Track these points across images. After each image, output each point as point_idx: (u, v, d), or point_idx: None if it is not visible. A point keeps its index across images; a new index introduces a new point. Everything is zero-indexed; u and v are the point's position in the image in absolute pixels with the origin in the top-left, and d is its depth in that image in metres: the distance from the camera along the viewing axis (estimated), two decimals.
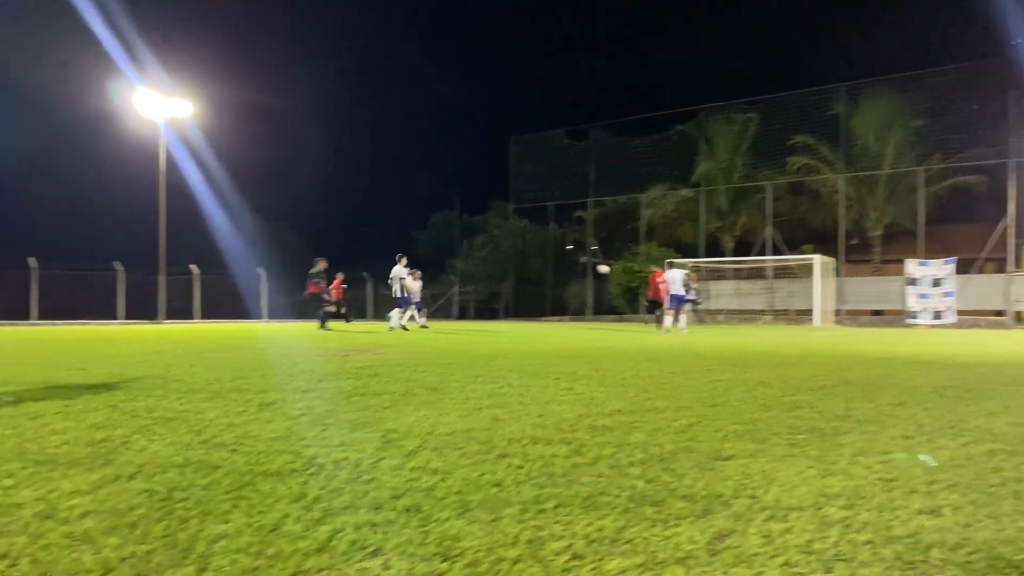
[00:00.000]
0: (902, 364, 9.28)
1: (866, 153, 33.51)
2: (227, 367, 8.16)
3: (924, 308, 28.59)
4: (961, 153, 30.42)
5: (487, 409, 5.05)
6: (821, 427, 4.46)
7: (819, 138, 33.85)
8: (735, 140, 37.00)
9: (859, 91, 33.04)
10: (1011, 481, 3.15)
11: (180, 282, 32.99)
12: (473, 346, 12.52)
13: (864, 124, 33.14)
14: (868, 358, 10.26)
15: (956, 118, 30.18)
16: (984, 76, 29.03)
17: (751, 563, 2.18)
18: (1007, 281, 28.04)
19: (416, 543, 2.31)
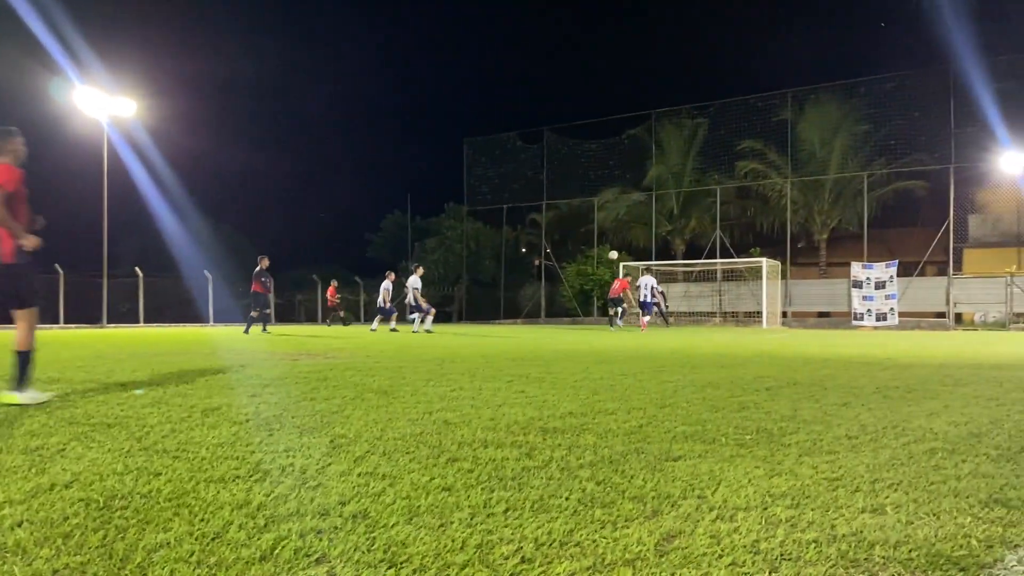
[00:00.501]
0: (847, 365, 9.47)
1: (812, 158, 34.19)
2: (171, 372, 7.98)
3: (868, 310, 29.26)
4: (904, 159, 31.22)
5: (438, 413, 5.01)
6: (768, 428, 4.52)
7: (767, 143, 34.45)
8: (685, 144, 37.46)
9: (806, 97, 33.70)
10: (951, 479, 3.22)
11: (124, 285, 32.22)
12: (425, 349, 12.44)
13: (810, 129, 33.82)
14: (814, 359, 10.45)
15: (899, 125, 30.97)
16: (926, 84, 29.82)
17: (699, 563, 2.19)
18: (948, 284, 28.85)
19: (362, 550, 2.28)
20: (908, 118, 30.51)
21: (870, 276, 29.29)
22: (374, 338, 17.21)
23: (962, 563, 2.21)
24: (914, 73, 30.20)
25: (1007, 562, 2.23)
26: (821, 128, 33.53)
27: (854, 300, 29.62)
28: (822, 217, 35.22)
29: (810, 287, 33.52)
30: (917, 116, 30.18)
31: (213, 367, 8.67)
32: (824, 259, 35.75)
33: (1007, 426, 4.63)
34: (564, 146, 39.57)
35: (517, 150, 41.16)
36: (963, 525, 2.57)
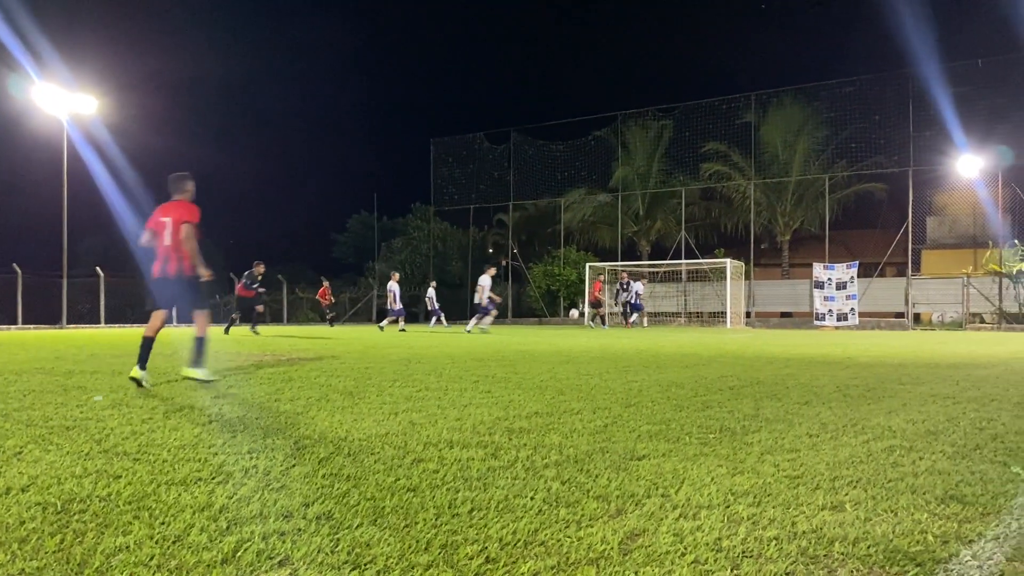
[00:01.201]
0: (808, 365, 9.61)
1: (775, 160, 34.63)
2: None
3: (830, 310, 29.70)
4: (864, 162, 31.75)
5: (404, 413, 4.99)
6: (731, 426, 4.57)
7: (731, 145, 34.81)
8: (651, 146, 37.69)
9: (769, 100, 34.11)
10: (908, 476, 3.29)
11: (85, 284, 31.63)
12: (392, 350, 12.39)
13: (773, 132, 34.24)
14: (776, 359, 10.59)
15: (859, 128, 31.47)
16: (886, 88, 30.33)
17: (662, 562, 2.21)
18: (907, 285, 29.39)
19: (326, 551, 2.26)
20: (868, 122, 31.02)
21: (831, 277, 29.74)
22: (342, 339, 17.07)
23: (919, 559, 2.26)
24: (874, 78, 30.71)
25: (962, 557, 2.28)
26: (783, 131, 33.98)
27: (816, 300, 30.05)
28: (785, 219, 35.69)
29: (773, 288, 33.95)
30: (877, 120, 30.70)
31: (176, 368, 8.54)
32: (787, 260, 36.25)
33: (963, 424, 4.74)
34: (531, 147, 39.61)
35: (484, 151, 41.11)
36: (920, 521, 2.62)
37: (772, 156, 34.68)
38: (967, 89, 28.21)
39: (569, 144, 38.90)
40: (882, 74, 30.55)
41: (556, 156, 39.11)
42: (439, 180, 42.15)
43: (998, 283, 27.54)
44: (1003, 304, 27.53)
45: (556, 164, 39.19)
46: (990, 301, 27.80)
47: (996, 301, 27.63)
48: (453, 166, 41.88)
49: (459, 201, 41.70)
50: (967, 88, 28.24)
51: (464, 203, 41.55)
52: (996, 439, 4.20)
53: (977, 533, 2.50)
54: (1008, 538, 2.45)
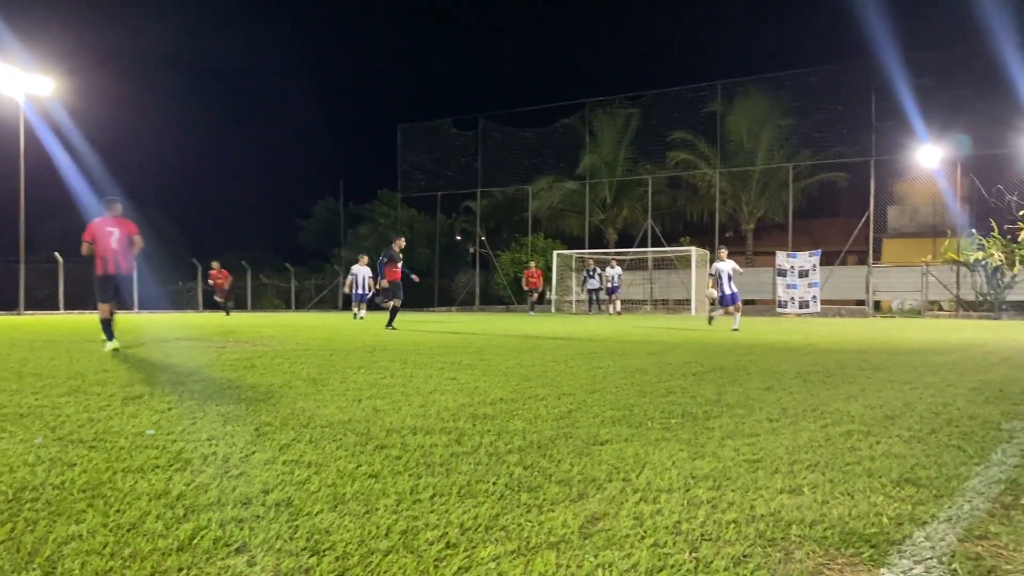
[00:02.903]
0: (770, 351, 9.73)
1: (740, 149, 34.91)
2: (90, 360, 7.72)
3: (792, 298, 30.08)
4: (827, 151, 32.14)
5: (367, 400, 4.97)
6: (693, 411, 4.61)
7: (696, 134, 35.00)
8: (618, 134, 37.77)
9: (734, 90, 34.33)
10: (865, 460, 3.34)
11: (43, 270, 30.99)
12: (357, 337, 12.32)
13: (738, 122, 34.49)
14: (739, 345, 10.70)
15: (823, 118, 31.81)
16: (849, 79, 30.65)
17: (621, 545, 2.22)
18: (867, 273, 29.85)
19: (284, 538, 2.24)
20: (831, 112, 31.36)
21: (794, 265, 30.09)
22: (305, 325, 16.92)
23: (873, 540, 2.29)
24: (837, 68, 31.02)
25: (915, 538, 2.32)
26: (749, 120, 34.24)
27: (779, 288, 30.40)
28: (749, 207, 36.04)
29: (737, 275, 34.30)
30: (840, 110, 31.05)
31: (136, 355, 8.42)
32: (751, 248, 36.62)
33: (919, 408, 4.82)
34: (499, 134, 39.48)
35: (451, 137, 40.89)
36: (875, 504, 2.66)
37: (737, 145, 34.96)
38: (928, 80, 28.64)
39: (537, 131, 38.86)
40: (846, 64, 30.88)
41: (524, 143, 39.05)
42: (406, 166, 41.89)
43: (956, 271, 28.08)
44: (961, 292, 28.08)
45: (524, 151, 39.13)
46: (948, 289, 28.34)
47: (954, 289, 28.18)
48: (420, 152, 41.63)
49: (426, 188, 41.49)
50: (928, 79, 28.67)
51: (431, 190, 41.34)
52: (951, 424, 4.29)
53: (931, 515, 2.55)
54: (960, 519, 2.50)
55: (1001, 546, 2.27)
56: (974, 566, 2.10)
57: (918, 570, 2.08)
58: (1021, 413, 4.70)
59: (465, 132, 40.45)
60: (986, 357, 9.03)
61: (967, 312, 27.54)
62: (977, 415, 4.59)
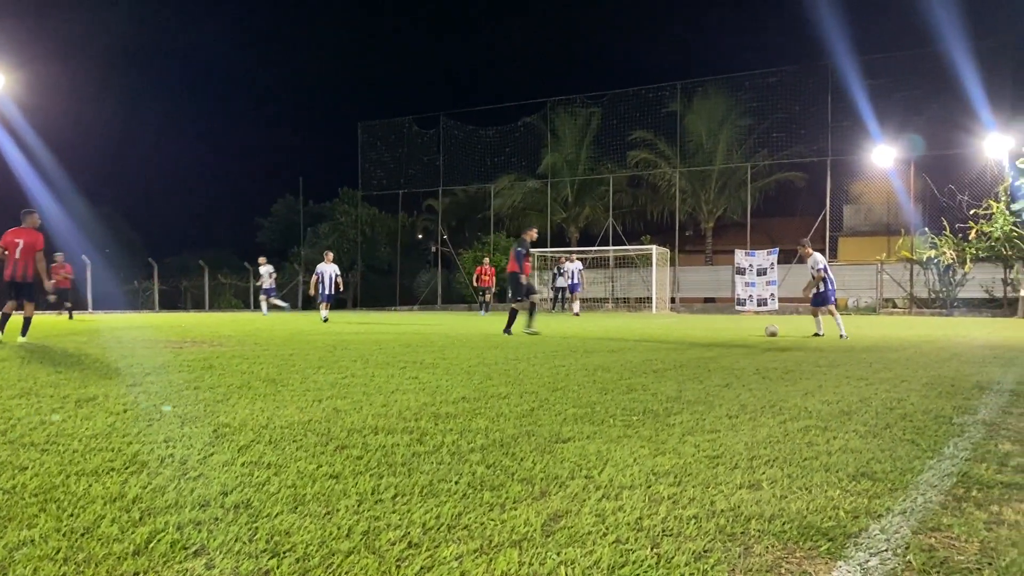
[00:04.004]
0: (729, 348, 9.85)
1: (700, 149, 35.28)
2: (43, 362, 7.54)
3: (751, 296, 30.48)
4: (785, 151, 32.65)
5: (328, 400, 4.92)
6: (654, 408, 4.64)
7: (657, 134, 35.32)
8: (580, 133, 37.94)
9: (694, 90, 34.69)
10: (822, 455, 3.40)
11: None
12: (317, 336, 12.20)
13: (698, 121, 34.86)
14: (699, 343, 10.81)
15: (781, 118, 32.33)
16: (806, 80, 31.17)
17: (584, 542, 2.23)
18: None
19: (243, 540, 2.21)
20: (789, 112, 31.88)
21: (752, 263, 30.49)
22: (264, 325, 16.71)
23: (831, 534, 2.33)
24: (795, 69, 31.52)
25: (871, 531, 2.36)
26: (708, 120, 34.63)
27: (737, 286, 30.78)
28: (708, 206, 36.44)
29: (697, 274, 34.65)
30: (797, 110, 31.57)
31: (90, 355, 8.25)
32: (710, 247, 37.04)
33: (875, 404, 4.92)
34: (460, 132, 39.42)
35: (413, 135, 40.73)
36: (833, 498, 2.71)
37: (697, 145, 35.33)
38: (882, 82, 29.25)
39: (499, 130, 38.89)
40: (803, 65, 31.40)
41: (486, 142, 39.05)
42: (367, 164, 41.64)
43: (909, 269, 28.69)
44: (914, 290, 28.69)
45: (486, 150, 39.13)
46: (902, 287, 28.94)
47: (908, 287, 28.78)
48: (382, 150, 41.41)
49: (388, 186, 41.27)
50: (882, 81, 29.27)
51: (393, 188, 41.14)
52: (905, 418, 4.38)
53: (886, 508, 2.60)
54: (914, 512, 2.55)
55: (953, 537, 2.32)
56: (928, 557, 2.15)
57: (874, 562, 2.12)
58: (972, 408, 4.82)
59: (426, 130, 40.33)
60: (938, 353, 9.24)
61: (920, 309, 28.14)
62: (930, 410, 4.69)
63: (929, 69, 28.06)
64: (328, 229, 45.75)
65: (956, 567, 2.08)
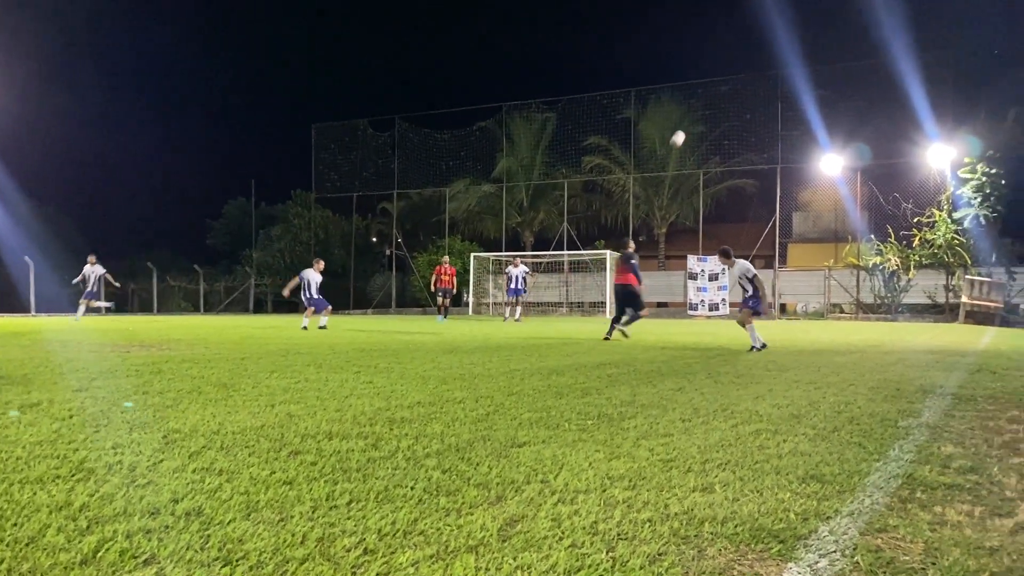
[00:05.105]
0: (682, 352, 9.96)
1: (653, 155, 35.72)
2: None
3: (702, 300, 30.90)
4: (736, 158, 33.21)
5: (281, 405, 4.86)
6: (609, 412, 4.68)
7: (611, 140, 35.68)
8: (534, 138, 38.10)
9: (647, 96, 35.12)
10: (773, 458, 3.46)
11: None
12: (270, 340, 12.05)
13: (651, 128, 35.27)
14: (652, 347, 10.92)
15: (732, 126, 32.90)
16: (757, 88, 31.78)
17: (540, 546, 2.24)
18: (774, 276, 30.91)
19: (195, 548, 2.17)
20: (740, 120, 32.47)
21: (704, 268, 30.91)
22: (215, 328, 16.43)
23: (781, 536, 2.38)
24: (746, 77, 32.09)
25: (820, 533, 2.41)
26: (661, 127, 35.03)
27: (690, 291, 31.18)
28: (661, 212, 36.90)
29: (650, 278, 34.90)
30: (748, 119, 32.15)
31: (34, 359, 8.02)
32: (663, 252, 37.49)
33: (823, 407, 5.02)
34: (415, 135, 39.30)
35: (367, 138, 40.48)
36: (783, 500, 2.76)
37: (650, 151, 35.74)
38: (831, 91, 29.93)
39: (454, 133, 38.87)
40: (754, 74, 31.96)
41: (441, 145, 38.99)
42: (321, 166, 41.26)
43: (856, 275, 29.36)
44: (860, 295, 29.37)
45: (441, 153, 39.08)
46: (849, 292, 29.61)
47: (854, 292, 29.45)
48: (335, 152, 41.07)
49: (342, 188, 40.95)
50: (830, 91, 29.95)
51: (347, 191, 40.84)
52: (853, 421, 4.48)
53: (834, 510, 2.65)
54: (861, 514, 2.61)
55: (899, 538, 2.38)
56: (875, 558, 2.20)
57: (823, 563, 2.16)
58: (916, 411, 4.95)
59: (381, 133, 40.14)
60: (884, 357, 9.47)
61: (866, 314, 28.81)
62: (876, 413, 4.80)
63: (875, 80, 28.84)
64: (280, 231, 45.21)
65: (902, 567, 2.14)
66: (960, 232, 26.76)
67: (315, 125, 41.32)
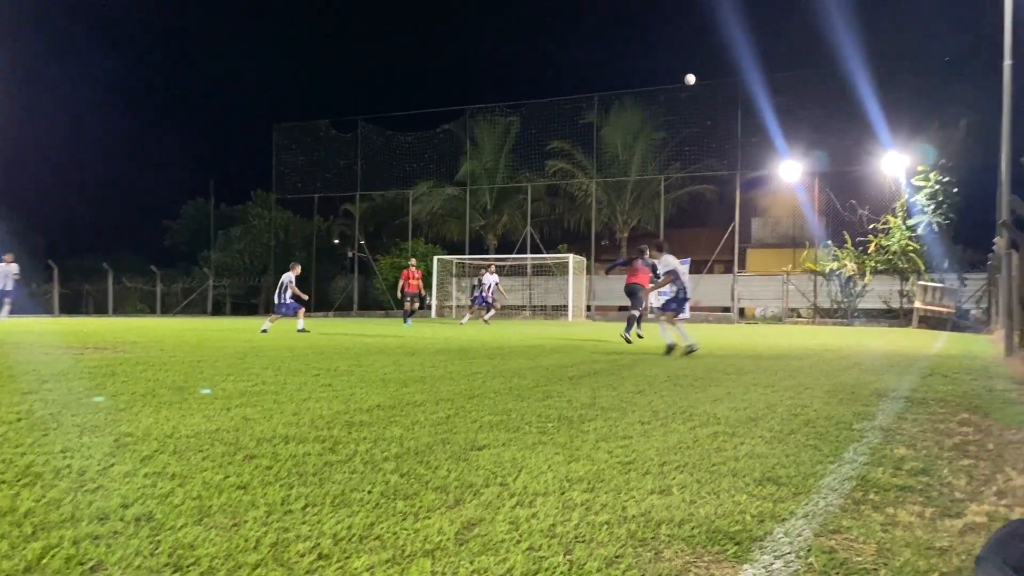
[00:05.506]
0: (642, 355, 10.03)
1: (615, 160, 35.93)
2: None
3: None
4: (696, 164, 33.56)
5: (237, 408, 4.78)
6: (569, 415, 4.68)
7: (574, 144, 35.83)
8: (498, 141, 38.11)
9: (610, 102, 35.37)
10: (730, 460, 3.48)
11: None
12: (228, 343, 11.87)
13: (614, 133, 35.50)
14: (613, 350, 10.98)
15: (693, 132, 33.25)
16: (717, 95, 32.16)
17: (497, 550, 2.22)
18: (733, 281, 31.28)
19: (144, 554, 2.12)
20: (701, 127, 32.84)
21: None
22: (171, 330, 16.15)
23: (737, 538, 2.39)
24: (707, 84, 32.43)
25: (775, 535, 2.43)
26: (624, 132, 35.29)
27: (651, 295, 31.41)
28: (624, 217, 37.12)
29: (612, 282, 35.15)
30: (709, 125, 32.53)
31: None
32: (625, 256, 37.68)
33: (780, 410, 5.08)
34: (379, 137, 39.09)
35: (330, 139, 40.16)
36: (739, 502, 2.78)
37: (613, 156, 35.94)
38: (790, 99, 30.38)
39: (418, 136, 38.72)
40: (714, 81, 32.31)
41: (405, 147, 38.83)
42: (282, 167, 40.82)
43: (813, 280, 29.83)
44: (817, 300, 29.83)
45: (405, 155, 38.91)
46: (806, 297, 30.06)
47: (812, 297, 29.91)
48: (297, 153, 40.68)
49: (303, 189, 40.56)
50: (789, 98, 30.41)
51: (308, 192, 40.46)
52: (808, 424, 4.54)
53: (789, 512, 2.68)
54: (816, 515, 2.64)
55: (852, 539, 2.41)
56: (828, 559, 2.22)
57: (778, 565, 2.18)
58: (870, 414, 5.03)
59: (344, 134, 39.84)
60: (840, 361, 9.62)
61: (823, 319, 29.27)
62: (832, 416, 4.87)
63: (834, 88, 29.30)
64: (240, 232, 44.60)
65: (854, 568, 2.16)
66: (914, 239, 27.33)
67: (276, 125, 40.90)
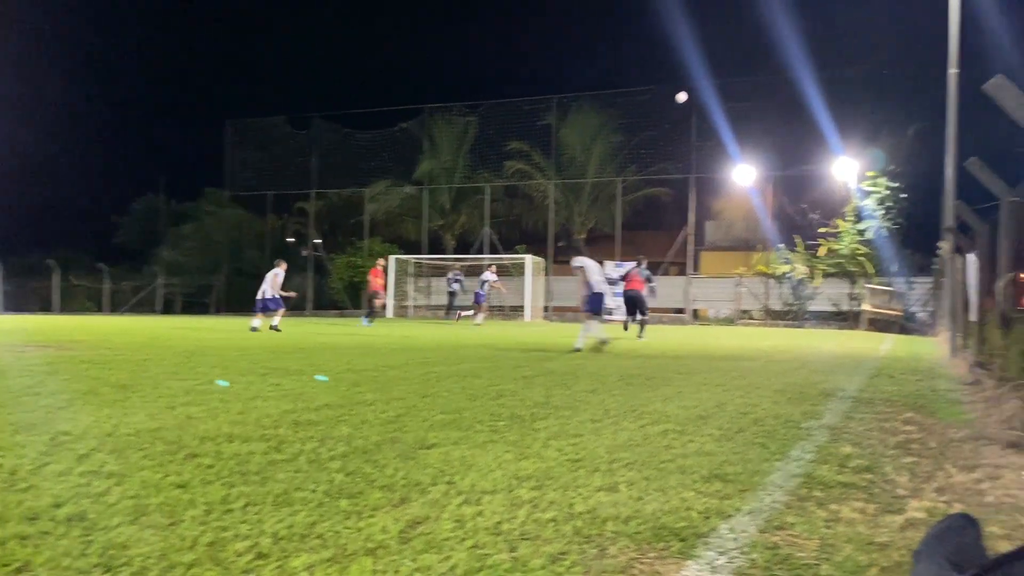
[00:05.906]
0: (596, 355, 10.06)
1: (573, 162, 36.05)
2: None
3: (618, 305, 31.32)
4: (652, 167, 33.82)
5: (181, 407, 4.68)
6: (521, 414, 4.67)
7: (532, 145, 35.88)
8: (456, 141, 37.97)
9: (568, 104, 35.48)
10: (678, 457, 3.50)
11: None
12: (176, 341, 11.64)
13: (572, 135, 35.62)
14: (568, 350, 11.00)
15: (649, 135, 33.52)
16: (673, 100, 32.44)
17: (441, 548, 2.19)
18: (687, 283, 31.60)
19: (74, 555, 2.05)
20: (657, 130, 33.12)
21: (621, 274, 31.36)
22: (118, 329, 15.77)
23: (682, 534, 2.39)
24: (663, 88, 32.72)
25: (720, 531, 2.44)
26: (582, 134, 35.42)
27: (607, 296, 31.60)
28: (581, 218, 37.25)
29: (569, 283, 35.23)
30: (666, 128, 32.82)
31: None
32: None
33: (730, 409, 5.13)
34: (335, 134, 38.70)
35: (285, 135, 39.65)
36: (686, 499, 2.78)
37: (570, 158, 36.07)
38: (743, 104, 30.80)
39: (375, 134, 38.42)
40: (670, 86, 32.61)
41: (361, 145, 38.49)
42: (235, 164, 40.20)
43: (765, 283, 30.27)
44: (769, 302, 30.28)
45: (361, 153, 38.56)
46: (758, 299, 30.48)
47: (763, 299, 30.35)
48: (251, 150, 40.09)
49: (257, 187, 39.99)
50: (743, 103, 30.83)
51: (262, 189, 39.91)
52: (757, 423, 4.58)
53: (735, 508, 2.69)
54: (761, 512, 2.66)
55: (796, 535, 2.42)
56: (771, 555, 2.23)
57: (722, 560, 2.18)
58: (818, 413, 5.10)
59: (299, 131, 39.37)
60: (789, 362, 9.76)
61: (775, 320, 29.72)
62: (780, 415, 4.93)
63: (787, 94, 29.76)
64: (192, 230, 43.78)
65: (797, 563, 2.17)
66: (863, 242, 27.88)
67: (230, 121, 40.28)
